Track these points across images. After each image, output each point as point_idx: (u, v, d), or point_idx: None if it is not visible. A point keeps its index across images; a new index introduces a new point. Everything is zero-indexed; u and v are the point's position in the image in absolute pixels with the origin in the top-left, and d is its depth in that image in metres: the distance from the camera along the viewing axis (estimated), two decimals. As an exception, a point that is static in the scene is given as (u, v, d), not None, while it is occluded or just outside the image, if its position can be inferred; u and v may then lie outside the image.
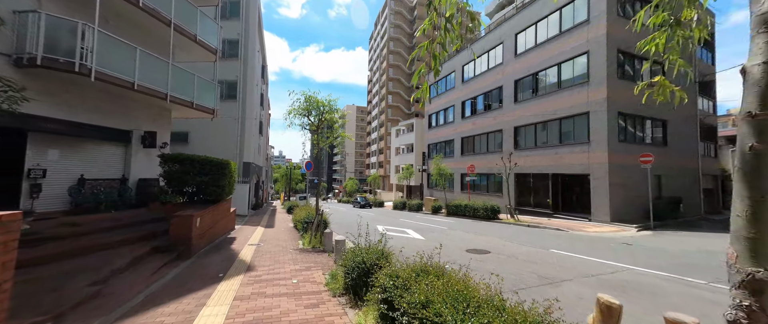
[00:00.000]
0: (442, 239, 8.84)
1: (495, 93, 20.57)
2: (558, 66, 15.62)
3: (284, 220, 15.02)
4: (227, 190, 7.98)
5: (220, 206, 8.20)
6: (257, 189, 26.10)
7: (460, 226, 12.37)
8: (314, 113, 8.50)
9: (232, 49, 17.88)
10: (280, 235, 9.50)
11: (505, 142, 19.08)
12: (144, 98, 8.54)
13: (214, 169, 7.30)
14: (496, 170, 19.76)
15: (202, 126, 17.04)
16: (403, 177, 29.99)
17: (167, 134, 10.19)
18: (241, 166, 17.01)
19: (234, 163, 8.84)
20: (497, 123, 19.93)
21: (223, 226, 9.21)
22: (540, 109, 16.48)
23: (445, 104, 26.64)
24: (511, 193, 16.57)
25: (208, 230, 7.18)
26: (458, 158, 24.15)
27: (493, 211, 15.69)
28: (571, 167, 14.65)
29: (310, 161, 13.46)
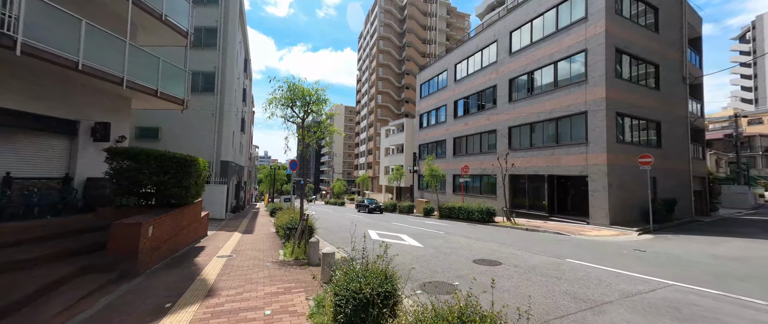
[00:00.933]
0: (443, 246, 7.97)
1: (489, 92, 20.08)
2: (554, 65, 15.22)
3: (265, 225, 13.74)
4: (194, 192, 6.77)
5: (185, 210, 6.97)
6: (238, 190, 24.46)
7: (457, 231, 11.58)
8: (299, 104, 7.44)
9: (209, 37, 16.44)
10: (258, 244, 8.34)
11: (500, 143, 18.57)
12: (94, 82, 7.21)
13: (177, 167, 6.10)
14: (490, 171, 19.24)
15: (175, 121, 15.49)
16: (394, 178, 29.13)
17: (126, 126, 8.81)
18: (218, 164, 15.56)
19: (203, 160, 7.62)
20: (491, 123, 19.42)
21: (191, 233, 7.95)
22: (536, 108, 16.04)
23: (437, 104, 26.02)
24: (507, 195, 16.02)
25: (168, 240, 5.97)
26: (450, 159, 23.53)
27: (488, 214, 15.05)
28: (568, 168, 14.23)
29: (295, 160, 12.31)
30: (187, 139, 15.51)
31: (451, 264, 5.95)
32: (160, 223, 5.43)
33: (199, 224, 8.77)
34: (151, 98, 8.91)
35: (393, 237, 9.73)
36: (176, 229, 6.45)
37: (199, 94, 16.09)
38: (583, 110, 13.60)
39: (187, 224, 7.27)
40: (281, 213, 10.28)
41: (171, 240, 6.14)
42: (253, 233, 10.84)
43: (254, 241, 8.91)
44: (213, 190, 14.99)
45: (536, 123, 16.18)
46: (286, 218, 8.67)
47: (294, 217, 8.19)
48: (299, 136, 7.80)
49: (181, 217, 6.69)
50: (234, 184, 21.64)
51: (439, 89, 25.98)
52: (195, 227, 8.24)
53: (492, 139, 19.50)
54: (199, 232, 8.87)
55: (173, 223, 6.21)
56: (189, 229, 7.54)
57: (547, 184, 15.40)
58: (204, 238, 9.32)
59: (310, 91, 7.25)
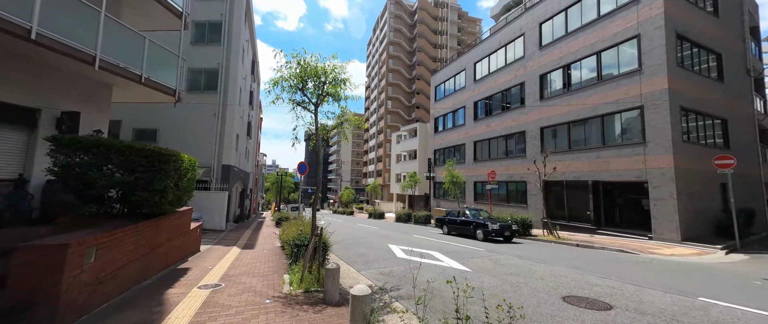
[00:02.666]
0: (498, 271, 6.06)
1: (515, 91, 18.29)
2: (597, 55, 13.39)
3: (269, 238, 12.03)
4: (173, 197, 5.11)
5: (161, 223, 5.32)
6: (243, 198, 22.98)
7: (499, 248, 9.62)
8: (311, 86, 5.82)
9: (213, 33, 15.27)
10: (258, 264, 6.60)
11: (530, 146, 16.63)
12: (59, 62, 5.77)
13: (147, 163, 4.48)
14: (518, 177, 17.25)
15: (175, 122, 14.19)
16: (407, 185, 27.26)
17: (104, 120, 7.33)
18: (219, 169, 14.07)
19: (191, 158, 6.01)
20: (518, 124, 17.55)
21: (174, 250, 6.29)
22: (574, 105, 14.15)
23: (454, 106, 24.32)
24: (544, 204, 13.97)
25: (129, 264, 4.29)
26: (470, 165, 21.62)
27: (525, 226, 13.02)
28: (619, 174, 12.18)
29: (304, 162, 10.69)
30: (189, 142, 14.12)
31: (535, 306, 4.07)
32: (114, 242, 3.77)
33: (186, 238, 7.12)
34: (135, 87, 7.46)
35: (424, 255, 7.86)
36: (146, 248, 4.77)
37: (201, 93, 14.82)
38: (637, 105, 11.65)
39: (165, 240, 5.60)
40: (288, 224, 8.57)
41: (135, 264, 4.46)
42: (254, 248, 9.13)
43: (254, 259, 7.18)
44: (212, 197, 13.45)
45: (576, 122, 14.25)
46: (293, 232, 6.94)
47: (304, 231, 6.46)
48: (309, 127, 6.13)
49: (154, 231, 5.03)
50: (238, 191, 20.16)
51: (457, 90, 24.33)
52: (180, 243, 6.57)
53: (520, 142, 17.58)
54: (187, 248, 7.21)
55: (139, 241, 4.54)
56: (169, 246, 5.86)
57: (592, 192, 13.33)
58: (194, 255, 7.64)
59: (325, 69, 5.63)
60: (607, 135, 12.93)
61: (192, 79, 14.90)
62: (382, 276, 5.80)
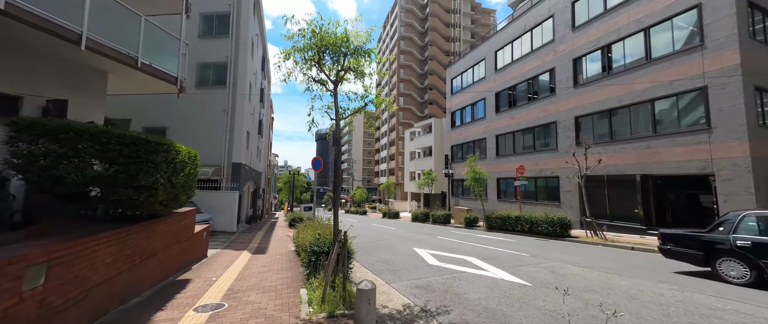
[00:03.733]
0: (560, 283, 4.82)
1: (543, 78, 16.78)
2: (645, 32, 11.80)
3: (283, 240, 11.17)
4: (166, 195, 4.19)
5: (155, 227, 4.42)
6: (255, 199, 22.42)
7: (544, 252, 8.35)
8: (329, 61, 4.79)
9: (221, 25, 14.58)
10: (269, 275, 5.65)
11: (562, 137, 15.13)
12: (40, 41, 4.98)
13: (130, 153, 3.56)
14: (549, 172, 15.77)
15: (185, 119, 13.61)
16: (424, 183, 26.05)
17: (98, 111, 6.56)
18: (229, 167, 13.35)
19: (188, 149, 5.10)
20: (548, 114, 16.05)
21: (176, 257, 5.42)
22: (617, 90, 12.60)
23: (473, 98, 22.91)
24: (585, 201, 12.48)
25: (108, 281, 3.38)
26: (493, 160, 20.20)
27: (562, 226, 11.62)
28: (677, 165, 10.61)
29: (318, 158, 9.73)
30: (199, 140, 13.47)
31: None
32: (79, 256, 2.84)
33: (190, 243, 6.26)
34: (133, 75, 6.69)
35: (460, 262, 6.71)
36: (134, 259, 3.87)
37: (209, 88, 14.16)
38: (699, 85, 10.06)
39: (162, 247, 4.71)
40: (303, 227, 7.62)
41: (118, 280, 3.55)
42: (266, 253, 8.23)
43: (265, 267, 6.24)
44: (222, 197, 12.73)
45: (618, 109, 12.69)
46: (309, 235, 5.96)
47: (322, 234, 5.47)
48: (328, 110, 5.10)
49: (145, 237, 4.13)
50: (250, 191, 19.55)
51: (475, 82, 22.91)
52: (182, 249, 5.70)
53: (550, 134, 16.08)
54: (191, 254, 6.36)
55: (123, 250, 3.62)
56: (168, 253, 4.98)
57: (641, 187, 11.77)
58: (200, 262, 6.80)
59: (344, 37, 4.58)
60: (659, 122, 11.35)
61: (201, 74, 14.27)
62: (419, 291, 4.71)
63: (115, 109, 11.37)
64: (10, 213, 4.75)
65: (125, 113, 12.93)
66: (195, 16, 14.55)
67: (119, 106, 12.24)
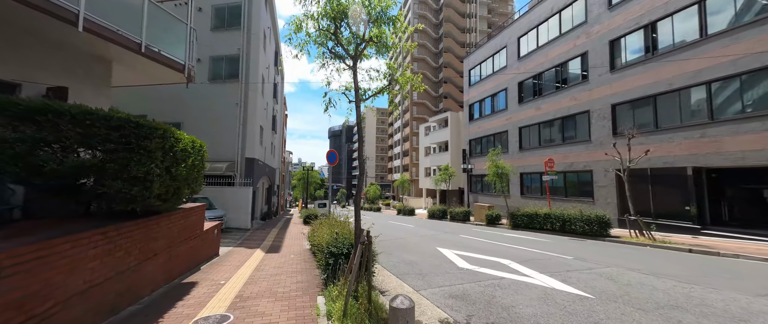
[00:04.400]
0: (628, 296, 3.93)
1: (574, 64, 15.43)
2: (699, 4, 10.37)
3: (297, 238, 10.70)
4: (163, 189, 3.63)
5: (155, 224, 3.92)
6: (270, 195, 22.29)
7: (587, 254, 7.40)
8: (346, 34, 4.10)
9: (233, 17, 14.22)
10: (283, 277, 5.08)
11: (596, 128, 13.83)
12: (35, 23, 4.58)
13: (119, 139, 3.02)
14: (581, 166, 14.52)
15: (199, 114, 13.43)
16: (440, 179, 25.11)
17: (103, 101, 6.16)
18: (242, 162, 13.02)
19: (192, 138, 4.56)
20: (580, 103, 14.74)
21: (182, 257, 4.95)
22: (663, 73, 11.23)
23: (494, 89, 21.68)
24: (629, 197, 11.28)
25: (93, 289, 2.86)
26: (515, 154, 19.01)
27: (601, 225, 10.50)
28: (741, 156, 9.26)
29: (333, 151, 9.13)
30: (213, 135, 13.22)
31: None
32: (48, 260, 2.30)
33: (199, 242, 5.80)
34: (139, 63, 6.27)
35: (495, 265, 5.91)
36: (130, 260, 3.37)
37: (222, 83, 13.87)
38: (771, 62, 8.65)
39: (164, 248, 4.21)
40: (318, 225, 7.04)
41: (107, 287, 3.03)
42: (280, 251, 7.73)
43: (278, 269, 5.69)
44: (236, 193, 12.43)
45: (665, 94, 11.32)
46: (325, 234, 5.35)
47: (340, 233, 4.83)
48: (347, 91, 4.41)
49: (143, 235, 3.61)
50: (264, 187, 19.35)
51: (496, 72, 21.65)
52: (189, 248, 5.23)
53: (582, 124, 14.78)
54: (200, 253, 5.90)
55: (113, 251, 3.09)
56: (172, 253, 4.49)
57: (694, 181, 10.44)
58: (210, 261, 6.35)
59: (366, 1, 3.86)
60: (719, 107, 9.95)
61: (213, 68, 14.00)
62: (455, 301, 3.98)
63: (130, 105, 11.22)
64: (9, 209, 4.37)
65: (140, 109, 12.81)
66: (207, 8, 14.28)
67: (135, 101, 12.13)
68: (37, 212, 4.12)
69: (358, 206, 3.89)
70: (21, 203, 4.49)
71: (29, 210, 4.34)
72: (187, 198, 4.60)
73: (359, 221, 3.80)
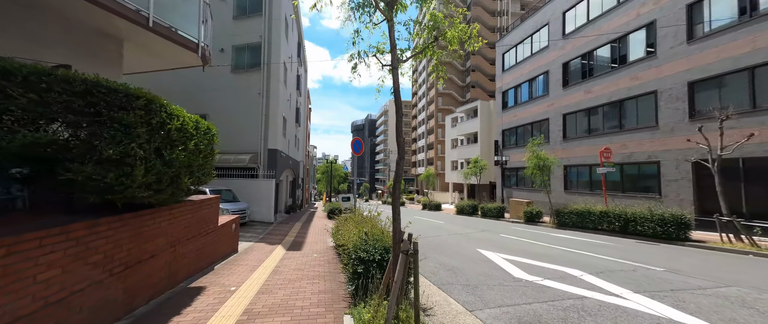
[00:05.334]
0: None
1: (636, 37, 13.17)
2: (827, -56, 7.97)
3: (321, 232, 10.03)
4: (151, 176, 2.85)
5: (151, 219, 3.25)
6: (294, 188, 22.15)
7: (675, 262, 5.88)
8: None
9: (254, 3, 13.72)
10: (303, 284, 4.28)
11: (666, 111, 11.65)
12: None
13: (85, 109, 2.27)
14: (644, 156, 12.43)
15: (223, 106, 13.24)
16: (470, 173, 23.51)
17: (113, 82, 5.71)
18: (265, 153, 12.61)
19: (191, 116, 3.80)
20: (643, 83, 12.55)
21: (191, 257, 4.34)
22: (766, 38, 8.94)
23: (532, 73, 19.58)
24: (688, 192, 9.24)
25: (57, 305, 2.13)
26: (558, 145, 16.99)
27: (679, 226, 8.66)
28: None
29: (358, 139, 8.23)
30: (237, 126, 13.00)
31: None
32: None
33: (213, 238, 5.18)
34: (149, 40, 5.72)
35: (562, 276, 4.68)
36: (115, 265, 2.74)
37: (244, 72, 13.50)
38: None
39: (164, 247, 3.55)
40: (343, 221, 6.21)
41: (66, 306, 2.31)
42: (302, 249, 7.02)
43: (299, 271, 4.92)
44: (259, 185, 12.05)
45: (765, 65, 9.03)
46: (352, 233, 4.48)
47: (371, 234, 3.91)
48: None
49: (129, 235, 2.91)
50: (288, 180, 19.13)
51: (535, 54, 19.49)
52: (199, 247, 4.60)
53: (646, 107, 12.60)
54: (215, 251, 5.29)
55: (83, 259, 2.39)
56: (175, 254, 3.84)
57: (811, 174, 8.22)
58: (227, 259, 5.75)
59: None
60: None
61: (236, 58, 13.66)
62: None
63: (156, 96, 11.19)
64: (13, 199, 3.91)
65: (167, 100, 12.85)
66: (229, -4, 13.91)
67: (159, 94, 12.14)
68: (44, 203, 3.60)
69: (396, 201, 2.90)
70: (24, 193, 4.04)
71: (37, 200, 3.84)
72: (190, 188, 3.89)
73: (399, 221, 2.81)
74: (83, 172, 2.32)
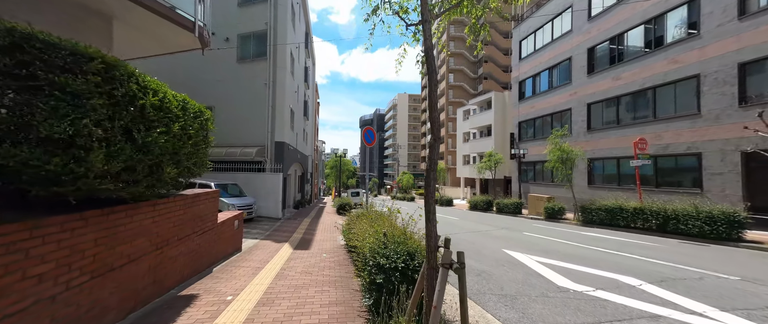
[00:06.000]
0: None
1: (674, 16, 11.91)
2: None
3: (331, 229, 9.48)
4: (116, 163, 2.25)
5: (127, 217, 2.67)
6: (303, 183, 21.76)
7: (756, 272, 5.00)
8: None
9: (260, -11, 13.08)
10: (309, 293, 3.71)
11: (710, 96, 10.49)
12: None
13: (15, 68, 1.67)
14: (682, 147, 11.33)
15: (230, 98, 12.80)
16: (485, 167, 22.56)
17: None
18: (272, 146, 12.10)
19: (177, 94, 3.19)
20: (683, 66, 11.36)
21: (182, 260, 3.80)
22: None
23: (552, 60, 18.36)
24: (735, 187, 8.22)
25: None
26: (581, 136, 15.88)
27: (730, 224, 7.68)
28: None
29: (370, 128, 7.56)
30: (242, 119, 12.55)
31: None
32: None
33: (212, 237, 4.64)
34: (139, 16, 5.15)
35: (617, 286, 3.92)
36: (56, 282, 2.08)
37: (250, 62, 12.96)
38: None
39: (146, 251, 3.01)
40: (354, 218, 5.59)
41: None
42: (311, 248, 6.45)
43: (306, 275, 4.33)
44: (266, 180, 11.58)
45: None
46: (366, 232, 3.86)
47: (392, 234, 3.26)
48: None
49: (93, 237, 2.33)
50: (297, 174, 18.69)
51: (556, 39, 18.25)
52: (193, 249, 4.07)
53: (686, 93, 11.43)
54: (215, 250, 4.76)
55: (21, 269, 1.77)
56: (162, 257, 3.31)
57: None
58: (228, 259, 5.23)
59: None
60: None
61: (241, 47, 13.12)
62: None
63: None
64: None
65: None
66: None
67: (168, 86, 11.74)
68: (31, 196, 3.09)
69: (431, 196, 2.21)
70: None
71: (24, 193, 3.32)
72: (179, 181, 3.31)
73: (434, 223, 2.13)
74: (16, 156, 1.72)
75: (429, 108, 2.38)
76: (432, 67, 2.26)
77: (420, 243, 3.37)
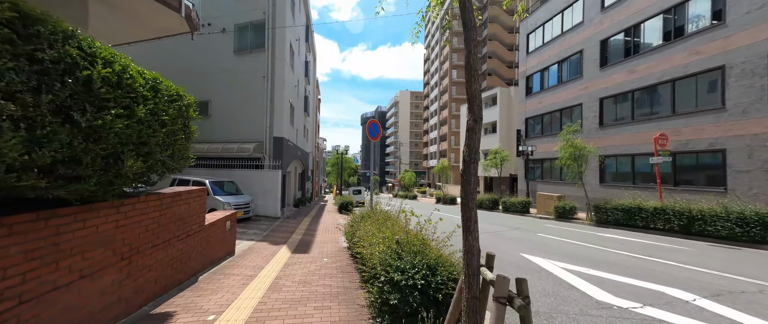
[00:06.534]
0: None
1: (696, 4, 11.21)
2: None
3: (332, 230, 8.93)
4: (67, 152, 1.72)
5: (79, 222, 2.08)
6: (303, 180, 21.23)
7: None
8: None
9: (258, -25, 12.44)
10: (308, 310, 3.18)
11: (736, 89, 9.85)
12: None
13: None
14: (704, 144, 10.70)
15: (227, 93, 12.26)
16: (491, 165, 21.96)
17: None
18: (270, 142, 11.53)
19: (148, 72, 2.60)
20: (705, 57, 10.70)
21: (163, 269, 3.32)
22: None
23: (562, 53, 17.67)
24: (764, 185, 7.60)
25: None
26: (593, 132, 15.24)
27: (765, 225, 7.09)
28: None
29: (374, 121, 6.98)
30: (240, 115, 11.99)
31: None
32: None
33: (200, 241, 4.09)
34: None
35: (669, 302, 3.35)
36: None
37: (248, 54, 12.36)
38: None
39: (110, 261, 2.47)
40: (359, 221, 5.03)
41: None
42: (310, 251, 5.89)
43: (305, 284, 3.78)
44: (264, 177, 11.03)
45: None
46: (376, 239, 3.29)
47: (406, 242, 2.68)
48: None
49: (22, 246, 1.76)
50: (297, 172, 18.15)
51: (566, 31, 17.54)
52: (174, 256, 3.55)
53: (709, 86, 10.77)
54: (204, 256, 4.21)
55: None
56: (132, 268, 2.79)
57: None
58: (218, 265, 4.68)
59: None
60: None
61: (239, 38, 12.52)
62: None
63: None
64: None
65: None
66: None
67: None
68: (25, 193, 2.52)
69: (470, 197, 1.63)
70: None
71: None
72: (149, 177, 2.75)
73: (474, 235, 1.56)
74: None
75: (466, 78, 1.79)
76: (470, 21, 1.68)
77: (439, 252, 2.81)
